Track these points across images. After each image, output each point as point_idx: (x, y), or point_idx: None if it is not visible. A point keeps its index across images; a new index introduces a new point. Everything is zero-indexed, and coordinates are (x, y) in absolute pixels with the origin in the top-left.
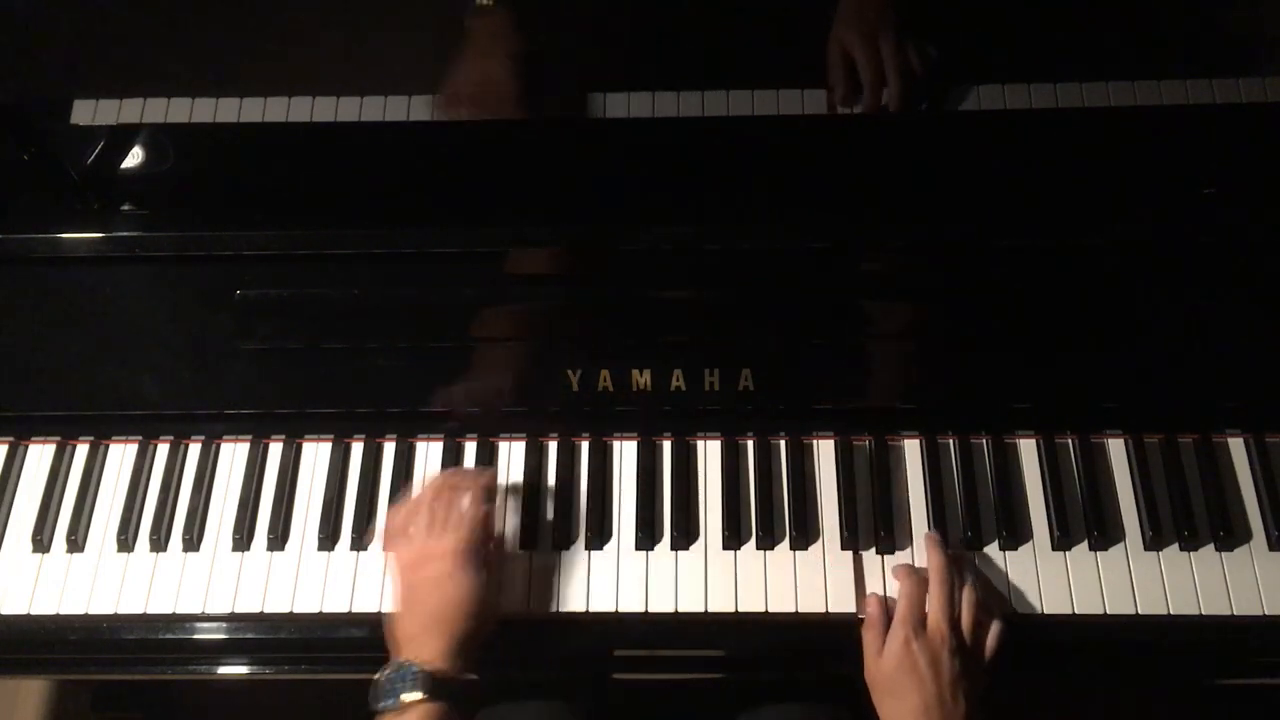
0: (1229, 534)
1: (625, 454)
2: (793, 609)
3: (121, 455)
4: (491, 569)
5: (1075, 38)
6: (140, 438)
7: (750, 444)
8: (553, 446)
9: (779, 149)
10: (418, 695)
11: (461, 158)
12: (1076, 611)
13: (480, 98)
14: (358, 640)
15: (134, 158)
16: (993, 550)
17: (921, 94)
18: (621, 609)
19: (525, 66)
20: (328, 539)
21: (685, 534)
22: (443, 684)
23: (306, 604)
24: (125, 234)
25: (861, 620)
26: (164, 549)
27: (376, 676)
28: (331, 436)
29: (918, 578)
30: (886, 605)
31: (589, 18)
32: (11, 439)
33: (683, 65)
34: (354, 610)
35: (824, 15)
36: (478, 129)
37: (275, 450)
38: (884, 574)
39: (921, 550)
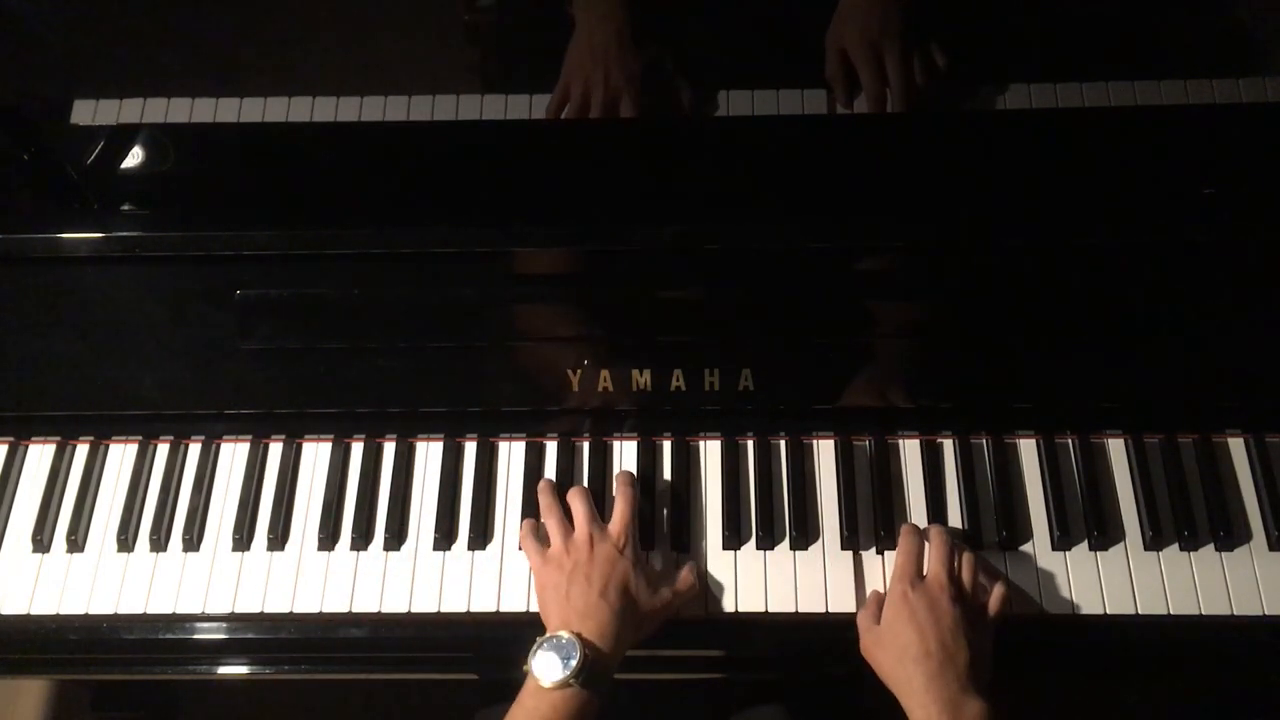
0: (1229, 534)
1: (625, 454)
2: (793, 609)
3: (121, 455)
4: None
5: (1075, 38)
6: (140, 438)
7: (750, 444)
8: (553, 446)
9: (779, 149)
10: (575, 660)
11: (461, 158)
12: (1076, 612)
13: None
14: (358, 640)
15: (134, 158)
16: (992, 550)
17: (922, 94)
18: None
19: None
20: (328, 539)
21: (685, 534)
22: (597, 667)
23: (306, 604)
24: (125, 234)
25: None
26: (164, 549)
27: (537, 643)
28: (331, 436)
29: (917, 536)
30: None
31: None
32: (11, 439)
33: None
34: (354, 610)
35: (823, 15)
36: (477, 129)
37: (275, 450)
38: (884, 574)
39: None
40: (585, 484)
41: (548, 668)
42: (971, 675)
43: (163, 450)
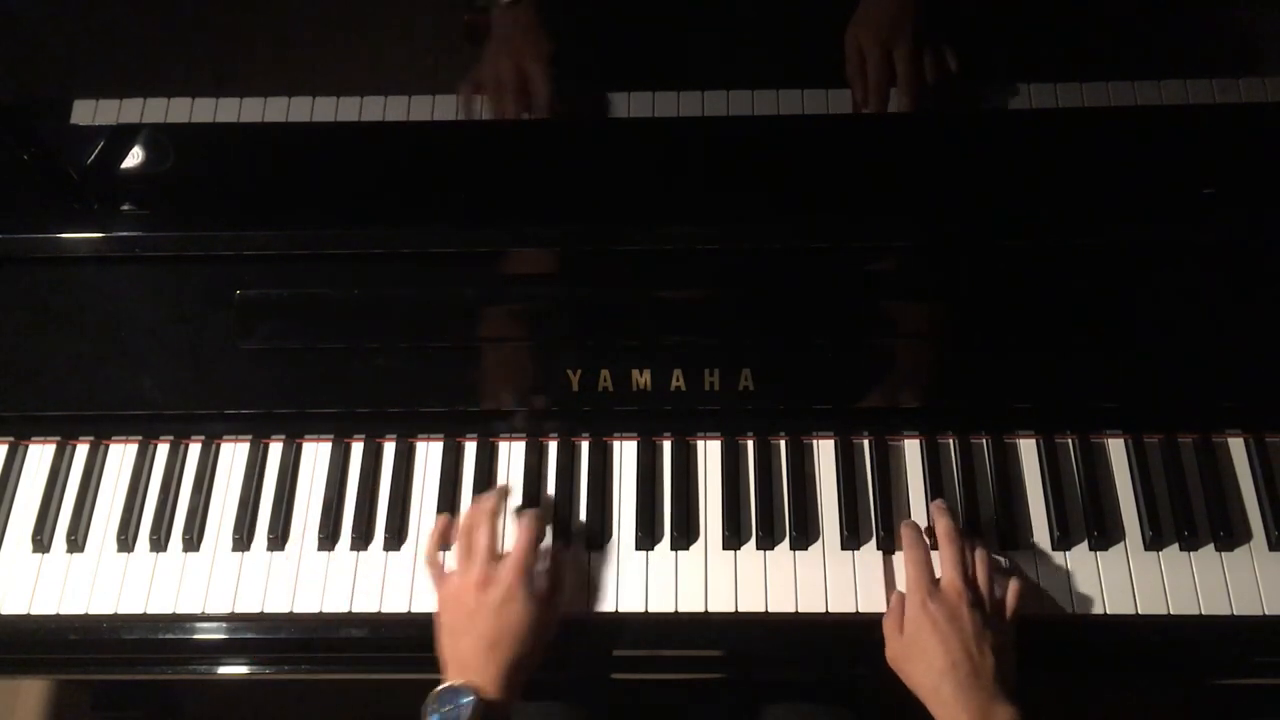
0: (1229, 534)
1: (625, 454)
2: (793, 609)
3: (121, 455)
4: (547, 593)
5: (1075, 38)
6: (140, 438)
7: (750, 444)
8: (553, 446)
9: (778, 149)
10: (466, 713)
11: (461, 158)
12: (1076, 612)
13: (498, 95)
14: (358, 640)
15: (134, 158)
16: (992, 550)
17: (929, 94)
18: (621, 609)
19: (546, 66)
20: (328, 539)
21: (685, 534)
22: (490, 712)
23: (306, 604)
24: (125, 234)
25: (861, 619)
26: (164, 549)
27: (431, 694)
28: (331, 436)
29: (924, 545)
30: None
31: (588, 18)
32: (11, 439)
33: (683, 65)
34: (354, 610)
35: (823, 16)
36: (477, 129)
37: (275, 450)
38: (884, 573)
39: None
40: (585, 484)
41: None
42: (998, 680)
43: (163, 450)
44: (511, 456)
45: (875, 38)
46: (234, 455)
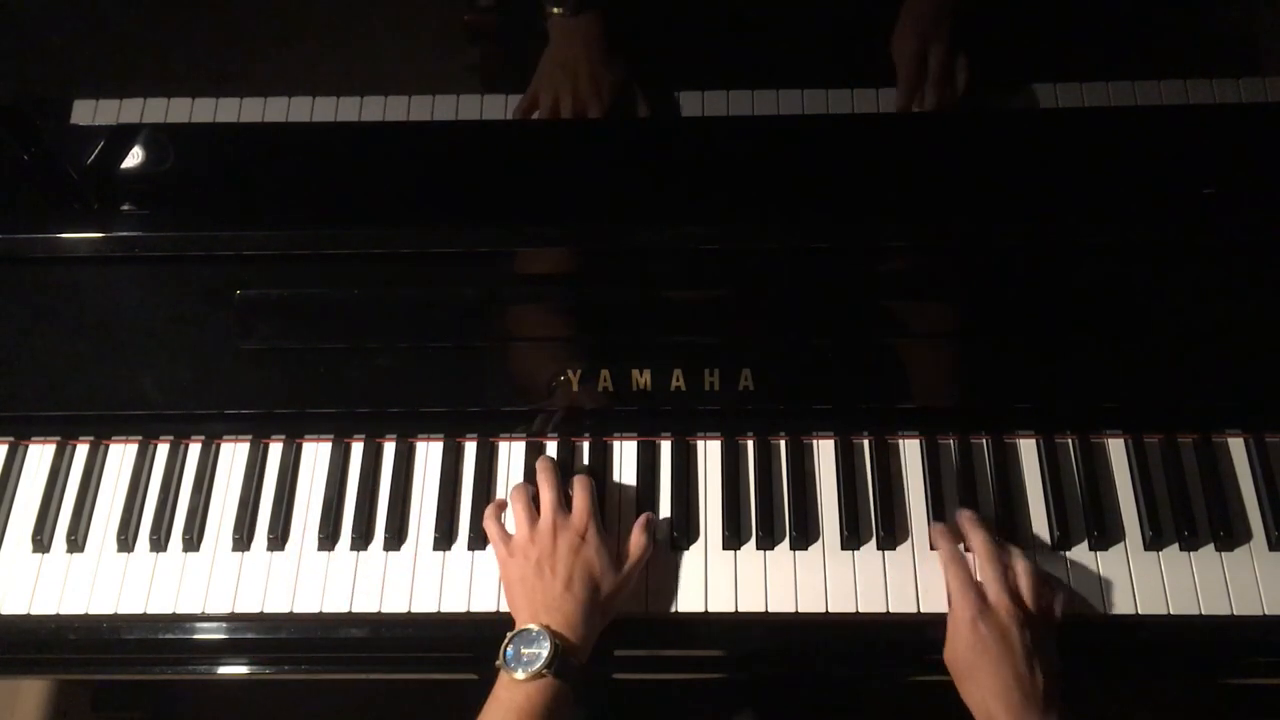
0: (1229, 534)
1: (625, 454)
2: (792, 609)
3: (121, 455)
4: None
5: (1075, 37)
6: (140, 438)
7: (750, 444)
8: (553, 447)
9: (778, 149)
10: (546, 651)
11: (460, 158)
12: (1076, 612)
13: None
14: (358, 640)
15: (134, 158)
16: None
17: (954, 95)
18: (621, 609)
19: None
20: (328, 539)
21: (685, 534)
22: (567, 657)
23: (306, 604)
24: (125, 234)
25: (861, 619)
26: (164, 549)
27: (508, 637)
28: (331, 436)
29: (963, 558)
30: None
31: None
32: (11, 439)
33: (683, 65)
34: (354, 610)
35: (824, 16)
36: (476, 129)
37: (275, 450)
38: (884, 574)
39: (922, 549)
40: None
41: (519, 661)
42: (1047, 695)
43: (163, 450)
44: (511, 456)
45: (919, 38)
46: (234, 455)
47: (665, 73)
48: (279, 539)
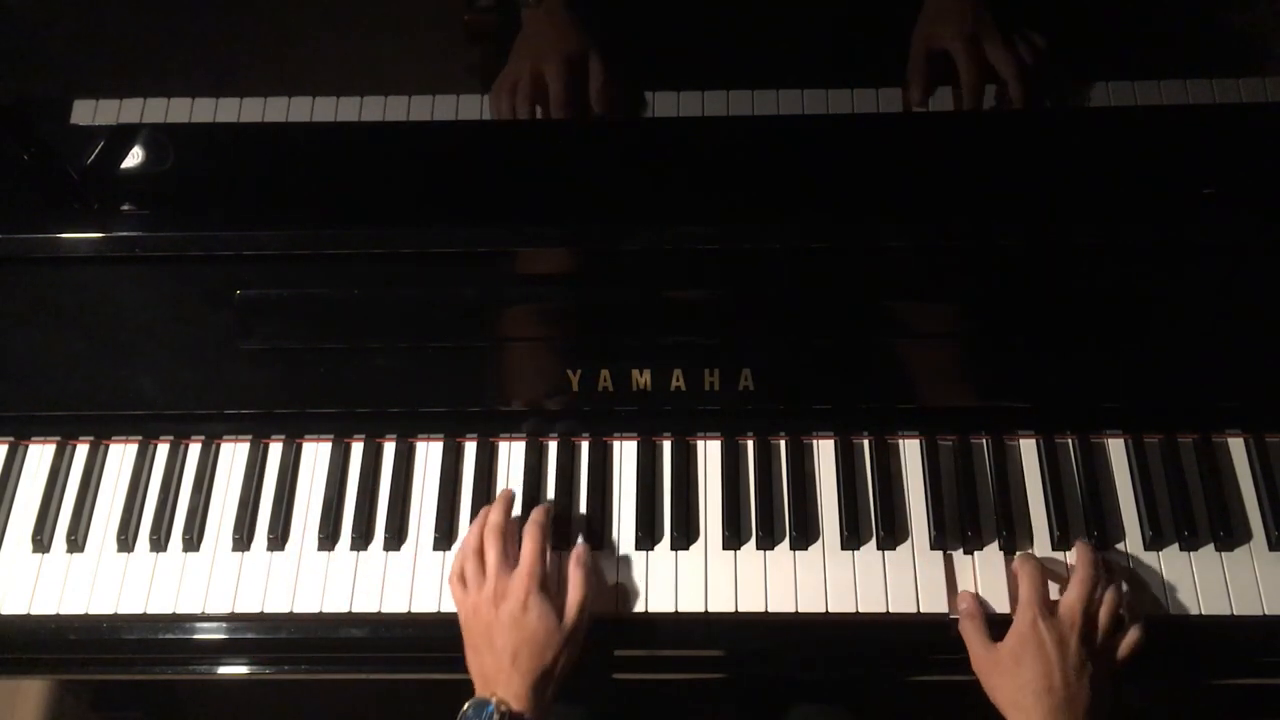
0: (1229, 534)
1: (625, 454)
2: (792, 609)
3: (121, 455)
4: (568, 597)
5: (1075, 38)
6: (140, 438)
7: (750, 444)
8: (553, 446)
9: (778, 149)
10: None
11: (460, 158)
12: None
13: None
14: (358, 640)
15: (134, 158)
16: (992, 550)
17: (1032, 82)
18: (621, 609)
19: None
20: (328, 539)
21: (685, 534)
22: None
23: (306, 604)
24: (125, 234)
25: (861, 619)
26: (164, 549)
27: (462, 710)
28: (331, 436)
29: (1036, 562)
30: (981, 599)
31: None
32: (11, 439)
33: (682, 65)
34: (354, 610)
35: (825, 17)
36: (476, 129)
37: (275, 450)
38: (884, 574)
39: (922, 549)
40: (585, 484)
41: None
42: (1089, 716)
43: (163, 450)
44: (511, 456)
45: (969, 32)
46: (234, 455)
47: (666, 73)
48: (279, 539)
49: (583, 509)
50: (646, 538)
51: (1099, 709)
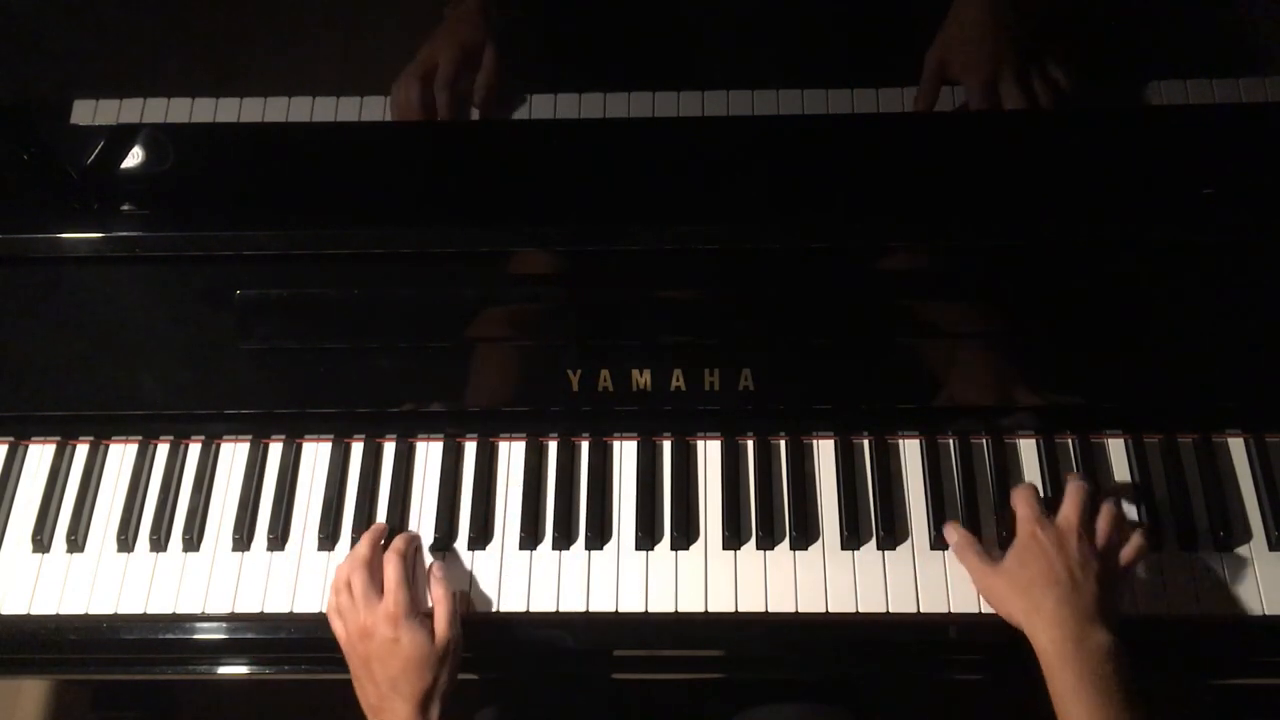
0: (1229, 534)
1: (625, 454)
2: (792, 609)
3: (121, 455)
4: (435, 619)
5: (1074, 38)
6: (140, 438)
7: (750, 444)
8: (553, 446)
9: (778, 149)
10: None
11: (461, 158)
12: None
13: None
14: None
15: (134, 158)
16: (991, 550)
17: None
18: (621, 609)
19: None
20: (328, 539)
21: (685, 534)
22: None
23: (306, 604)
24: (125, 234)
25: (861, 619)
26: (164, 549)
27: None
28: (331, 436)
29: (1031, 486)
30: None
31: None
32: (11, 439)
33: (682, 65)
34: None
35: (826, 17)
36: (476, 129)
37: (275, 450)
38: (884, 574)
39: (922, 549)
40: (585, 484)
41: None
42: (1098, 609)
43: (163, 450)
44: (511, 456)
45: (989, 60)
46: (234, 455)
47: (668, 73)
48: (279, 539)
49: (583, 509)
50: (646, 538)
51: (1105, 602)
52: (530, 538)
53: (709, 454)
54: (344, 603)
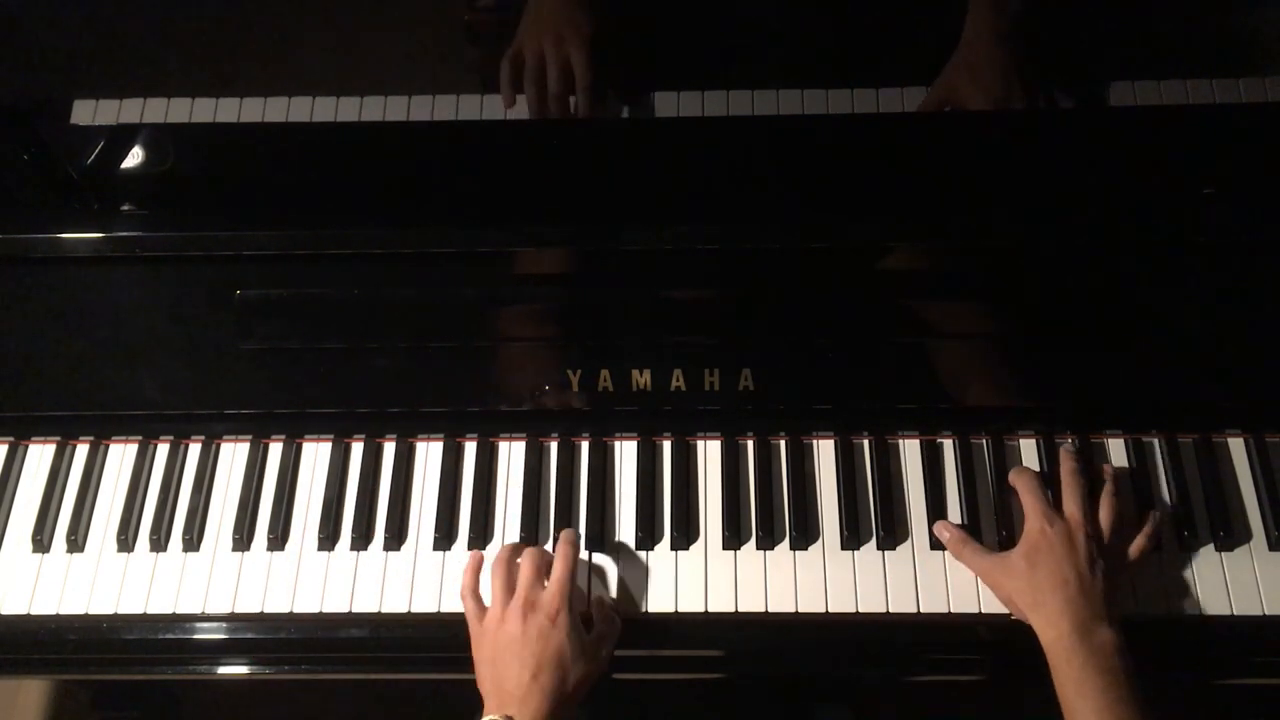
0: (1229, 534)
1: (625, 454)
2: (793, 609)
3: (121, 455)
4: (594, 625)
5: (1074, 38)
6: (140, 438)
7: (750, 444)
8: (553, 446)
9: (779, 149)
10: None
11: (461, 158)
12: None
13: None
14: (358, 640)
15: (134, 158)
16: (991, 549)
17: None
18: (621, 609)
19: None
20: (328, 539)
21: (685, 534)
22: None
23: (306, 604)
24: (125, 234)
25: (861, 619)
26: (164, 549)
27: None
28: (331, 436)
29: (1032, 472)
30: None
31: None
32: (11, 439)
33: (682, 65)
34: (354, 610)
35: (826, 17)
36: (476, 129)
37: (275, 450)
38: (884, 574)
39: (922, 549)
40: (585, 484)
41: None
42: (1105, 602)
43: (163, 450)
44: (511, 456)
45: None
46: (234, 455)
47: (666, 73)
48: (279, 539)
49: (583, 509)
50: (646, 538)
51: (1111, 598)
52: (531, 538)
53: (709, 454)
54: (500, 582)
